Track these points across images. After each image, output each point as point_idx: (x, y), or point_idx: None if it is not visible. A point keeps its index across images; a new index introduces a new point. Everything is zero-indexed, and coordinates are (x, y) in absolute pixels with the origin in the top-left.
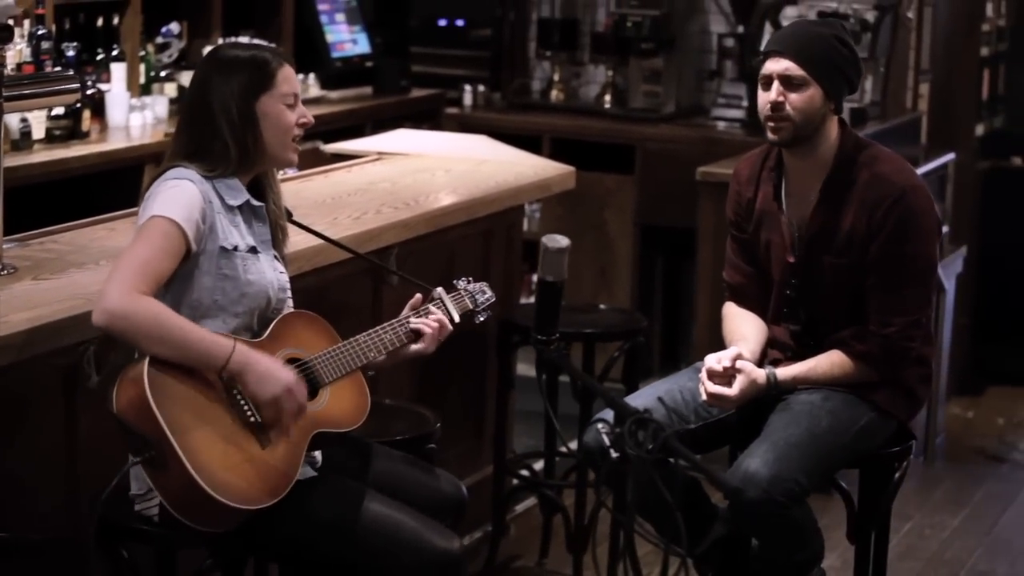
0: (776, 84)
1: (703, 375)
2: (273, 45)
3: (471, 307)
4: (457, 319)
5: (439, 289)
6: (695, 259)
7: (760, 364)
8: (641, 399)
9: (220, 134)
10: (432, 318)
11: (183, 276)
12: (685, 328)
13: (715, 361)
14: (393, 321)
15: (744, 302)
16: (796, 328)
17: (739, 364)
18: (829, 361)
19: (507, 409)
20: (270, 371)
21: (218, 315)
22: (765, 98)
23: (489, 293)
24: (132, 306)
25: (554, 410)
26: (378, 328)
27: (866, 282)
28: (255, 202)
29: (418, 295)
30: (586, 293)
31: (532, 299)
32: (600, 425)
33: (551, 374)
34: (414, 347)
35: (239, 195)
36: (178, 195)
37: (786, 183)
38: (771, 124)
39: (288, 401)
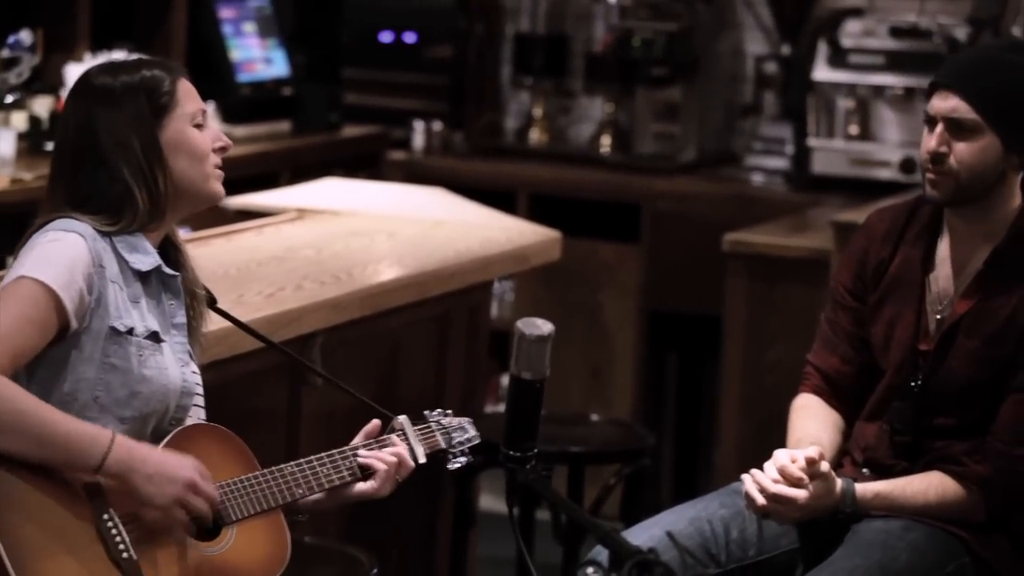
0: (940, 128)
1: (761, 477)
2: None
3: (443, 446)
4: (423, 459)
5: (402, 417)
6: (720, 358)
7: None
8: (646, 533)
9: (119, 177)
10: (390, 451)
11: (55, 361)
12: (705, 449)
13: (789, 458)
14: (334, 452)
15: (834, 398)
16: (903, 439)
17: (823, 467)
18: (926, 482)
19: (466, 552)
20: (163, 468)
21: (97, 419)
22: (926, 144)
23: (472, 432)
24: None
25: (530, 554)
26: (313, 459)
27: (1010, 385)
28: (168, 270)
29: (375, 421)
30: (574, 400)
31: (502, 407)
32: (591, 570)
33: (526, 505)
34: (361, 486)
35: (147, 258)
36: (58, 252)
37: (940, 249)
38: (928, 176)
39: (194, 500)
